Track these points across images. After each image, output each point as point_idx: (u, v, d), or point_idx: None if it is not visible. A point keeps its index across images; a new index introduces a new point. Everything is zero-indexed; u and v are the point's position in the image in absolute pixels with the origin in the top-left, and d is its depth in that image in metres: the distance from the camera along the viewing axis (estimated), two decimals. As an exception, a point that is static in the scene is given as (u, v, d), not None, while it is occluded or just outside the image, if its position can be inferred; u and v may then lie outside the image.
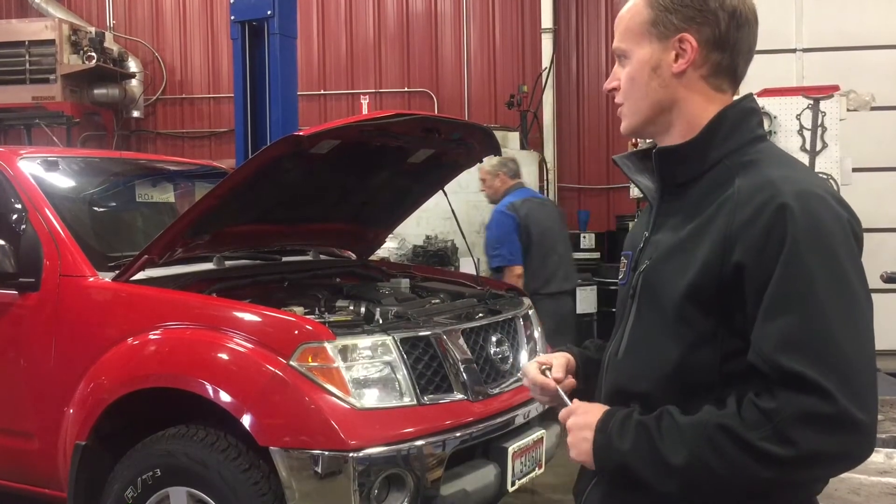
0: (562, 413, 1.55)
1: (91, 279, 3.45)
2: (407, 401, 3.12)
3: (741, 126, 1.50)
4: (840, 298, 1.32)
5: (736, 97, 1.56)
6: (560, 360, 1.72)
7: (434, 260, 7.47)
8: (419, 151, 3.93)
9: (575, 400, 1.58)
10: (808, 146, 5.23)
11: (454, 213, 4.27)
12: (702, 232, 1.42)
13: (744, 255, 1.36)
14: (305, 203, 3.98)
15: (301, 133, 3.23)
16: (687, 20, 1.48)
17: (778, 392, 1.30)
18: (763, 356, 1.32)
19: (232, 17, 6.09)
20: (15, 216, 3.67)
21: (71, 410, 3.33)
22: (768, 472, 1.30)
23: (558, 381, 1.67)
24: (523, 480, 3.48)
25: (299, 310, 3.30)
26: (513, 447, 3.37)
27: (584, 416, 1.50)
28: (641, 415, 1.43)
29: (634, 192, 7.15)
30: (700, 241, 1.42)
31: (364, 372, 3.08)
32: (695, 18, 1.47)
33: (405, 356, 3.16)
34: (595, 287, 8.06)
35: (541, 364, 1.70)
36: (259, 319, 3.13)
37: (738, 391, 1.38)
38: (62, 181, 4.02)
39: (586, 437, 1.47)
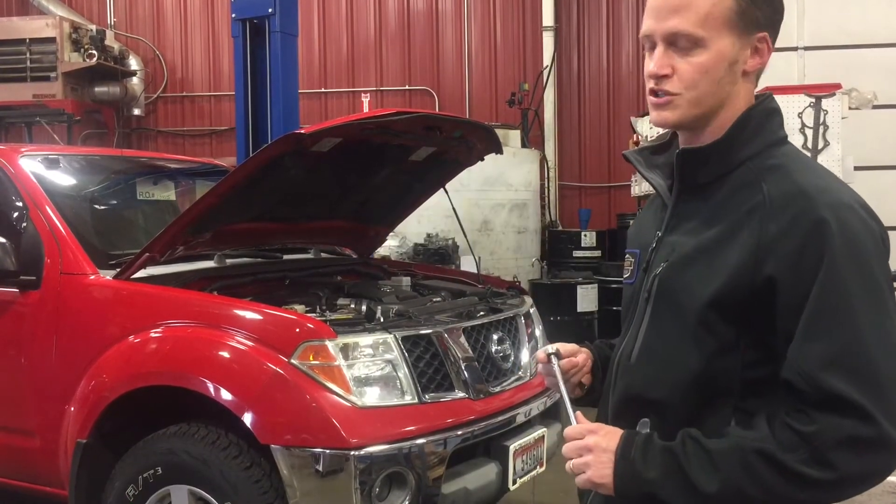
0: (572, 431, 1.47)
1: (92, 277, 3.45)
2: (408, 399, 3.11)
3: (765, 127, 1.46)
4: (877, 315, 1.31)
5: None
6: (579, 356, 1.68)
7: (435, 258, 7.47)
8: (420, 149, 3.93)
9: (580, 416, 1.50)
10: (809, 144, 5.22)
11: (455, 211, 4.27)
12: (729, 239, 1.39)
13: (777, 268, 1.33)
14: (307, 201, 3.98)
15: (302, 131, 3.23)
16: (768, 20, 1.44)
17: (815, 414, 1.29)
18: (804, 375, 1.30)
19: (233, 15, 6.10)
20: (16, 214, 3.66)
21: (72, 408, 3.33)
22: (804, 495, 1.30)
23: (559, 359, 1.63)
24: (525, 479, 3.48)
25: (300, 308, 3.30)
26: (514, 445, 3.37)
27: (605, 438, 1.42)
28: (660, 438, 1.40)
29: (635, 190, 7.14)
30: (728, 248, 1.38)
31: (365, 370, 3.08)
32: (772, 19, 1.45)
33: (406, 354, 3.15)
34: (596, 285, 8.06)
35: (554, 352, 1.66)
36: (260, 317, 3.12)
37: (756, 403, 1.37)
38: (63, 179, 4.02)
39: (611, 459, 1.40)
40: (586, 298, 8.00)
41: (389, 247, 7.12)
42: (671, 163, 1.53)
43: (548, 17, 9.88)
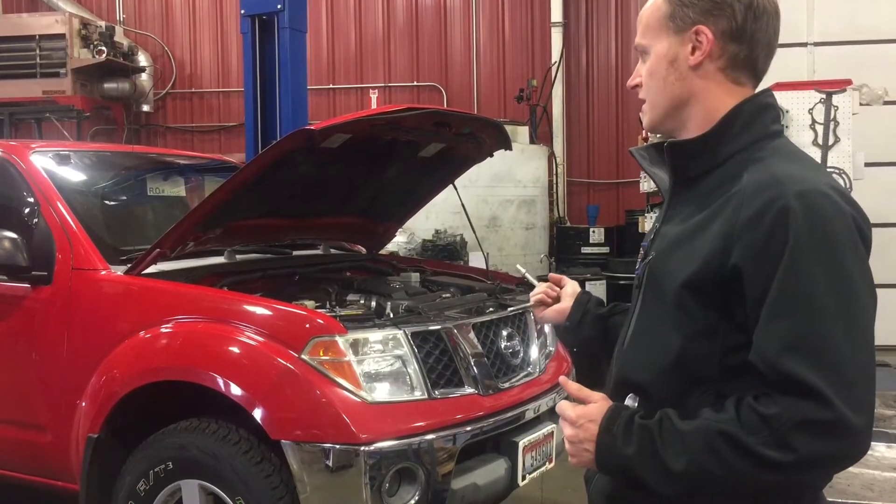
0: (560, 409, 1.53)
1: (103, 272, 3.46)
2: (418, 395, 3.12)
3: (756, 121, 1.49)
4: (841, 300, 1.32)
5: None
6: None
7: (443, 254, 7.47)
8: (429, 146, 3.93)
9: (572, 385, 1.56)
10: (820, 140, 5.19)
11: (464, 207, 4.28)
12: (706, 225, 1.43)
13: (742, 257, 1.36)
14: (316, 197, 3.98)
15: (313, 127, 3.24)
16: (703, 13, 1.48)
17: (777, 397, 1.31)
18: (763, 358, 1.33)
19: (242, 12, 6.10)
20: (27, 210, 3.68)
21: (83, 403, 3.35)
22: (768, 476, 1.32)
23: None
24: (534, 475, 3.49)
25: (310, 303, 3.31)
26: (523, 441, 3.37)
27: (582, 430, 1.48)
28: (643, 417, 1.44)
29: (644, 186, 7.13)
30: (704, 233, 1.42)
31: (375, 366, 3.08)
32: (711, 11, 1.48)
33: (416, 350, 3.16)
34: (604, 282, 8.05)
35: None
36: (270, 313, 3.13)
37: (737, 387, 1.39)
38: (74, 175, 4.04)
39: (587, 449, 1.47)
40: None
41: (398, 243, 7.13)
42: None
43: (556, 13, 9.86)
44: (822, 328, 1.30)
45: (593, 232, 8.86)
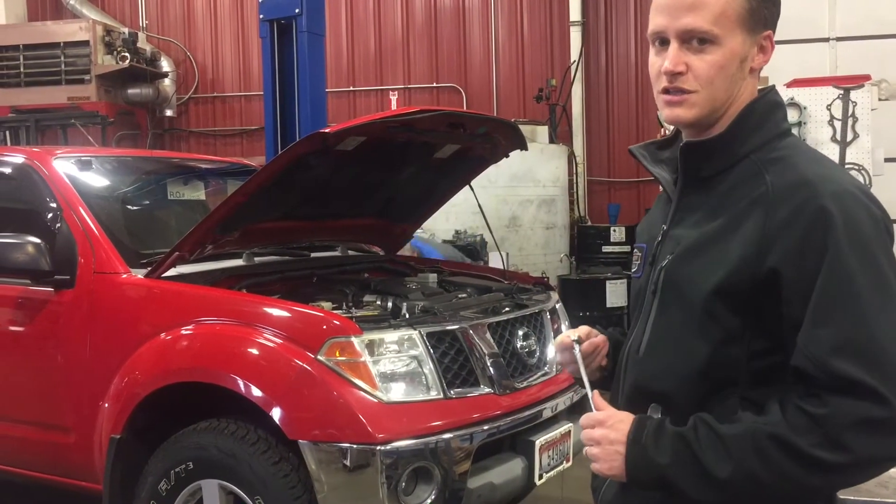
0: (585, 419, 1.49)
1: (124, 276, 3.51)
2: (434, 394, 3.14)
3: (768, 120, 1.49)
4: (883, 300, 1.33)
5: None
6: (598, 338, 1.70)
7: (463, 255, 7.48)
8: (445, 146, 3.94)
9: (601, 402, 1.51)
10: (838, 137, 5.16)
11: (480, 207, 4.29)
12: (733, 229, 1.40)
13: (781, 259, 1.35)
14: (333, 199, 4.02)
15: (327, 130, 3.27)
16: (772, 17, 1.49)
17: (828, 397, 1.30)
18: (814, 360, 1.31)
19: (261, 16, 6.16)
20: (50, 215, 3.74)
21: (106, 405, 3.40)
22: (817, 479, 1.30)
23: (581, 345, 1.65)
24: (551, 474, 3.49)
25: (327, 305, 3.34)
26: (540, 440, 3.38)
27: (613, 430, 1.43)
28: (673, 423, 1.41)
29: (664, 184, 7.09)
30: (731, 238, 1.40)
31: (391, 366, 3.11)
32: (775, 17, 1.49)
33: (431, 350, 3.18)
34: (625, 281, 8.02)
35: (577, 338, 1.67)
36: (288, 315, 3.17)
37: (762, 392, 1.38)
38: (96, 180, 4.10)
39: (619, 451, 1.42)
40: (615, 294, 7.97)
41: (418, 244, 7.14)
42: (676, 157, 1.55)
43: (575, 12, 9.84)
44: (870, 329, 1.30)
45: (614, 231, 8.84)
